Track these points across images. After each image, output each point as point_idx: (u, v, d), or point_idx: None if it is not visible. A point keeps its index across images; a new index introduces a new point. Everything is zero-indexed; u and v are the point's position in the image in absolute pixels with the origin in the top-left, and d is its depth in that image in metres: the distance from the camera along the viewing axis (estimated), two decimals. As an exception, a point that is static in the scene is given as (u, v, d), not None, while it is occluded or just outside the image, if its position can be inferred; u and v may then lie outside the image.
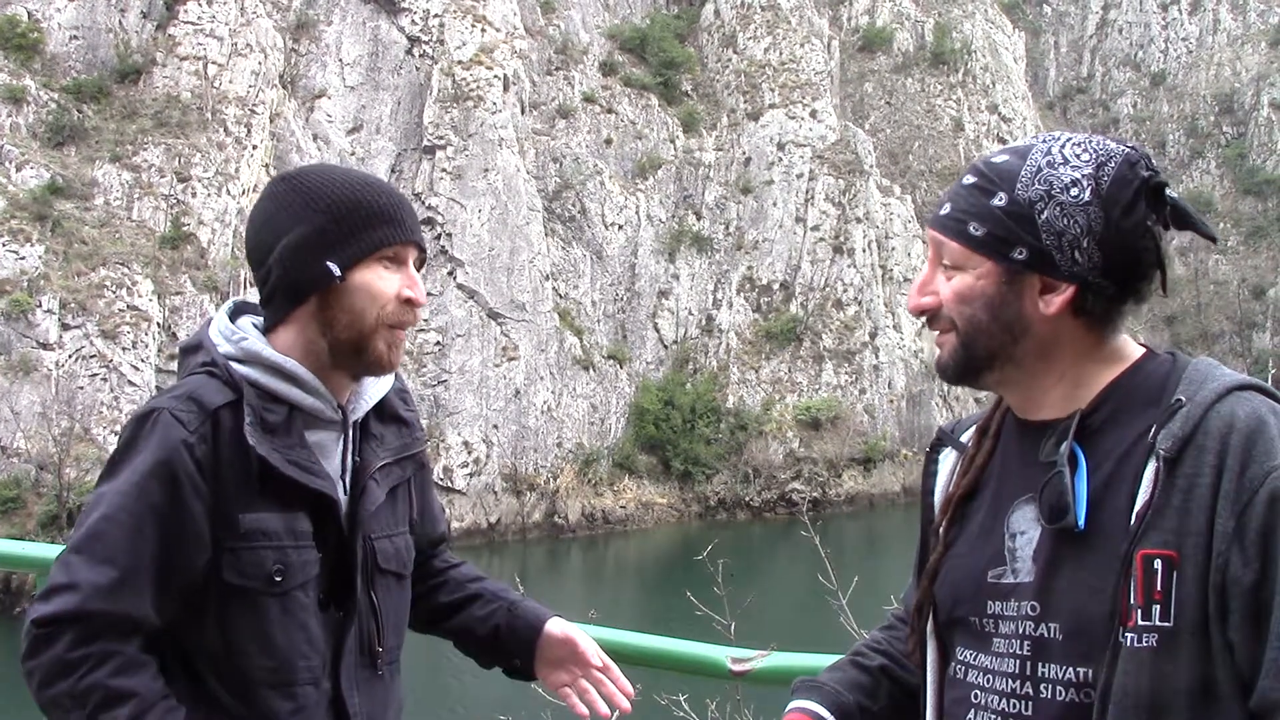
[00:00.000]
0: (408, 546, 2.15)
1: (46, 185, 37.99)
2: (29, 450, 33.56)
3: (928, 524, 1.85)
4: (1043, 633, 1.60)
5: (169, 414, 1.86)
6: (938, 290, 1.70)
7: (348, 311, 1.97)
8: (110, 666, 1.77)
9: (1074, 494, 1.56)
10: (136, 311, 36.73)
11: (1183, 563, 1.47)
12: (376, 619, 2.05)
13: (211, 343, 1.99)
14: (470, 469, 42.26)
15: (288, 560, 1.91)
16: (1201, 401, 1.53)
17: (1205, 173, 78.26)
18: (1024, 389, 1.70)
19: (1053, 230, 1.60)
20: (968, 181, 1.70)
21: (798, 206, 52.94)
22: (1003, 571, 1.66)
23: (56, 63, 41.61)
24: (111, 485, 1.84)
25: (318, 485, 1.94)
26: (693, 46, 58.53)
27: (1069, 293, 1.61)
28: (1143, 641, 1.48)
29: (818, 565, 5.57)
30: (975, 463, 1.78)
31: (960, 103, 64.92)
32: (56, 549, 3.02)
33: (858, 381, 50.86)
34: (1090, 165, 1.61)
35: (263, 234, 2.01)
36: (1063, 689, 1.57)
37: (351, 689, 2.00)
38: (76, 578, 1.79)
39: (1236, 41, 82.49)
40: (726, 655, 2.26)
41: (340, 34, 47.13)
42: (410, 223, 2.04)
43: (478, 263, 44.62)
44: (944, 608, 1.76)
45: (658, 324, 50.57)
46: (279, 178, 2.06)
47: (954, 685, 1.74)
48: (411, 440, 2.16)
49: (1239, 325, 69.60)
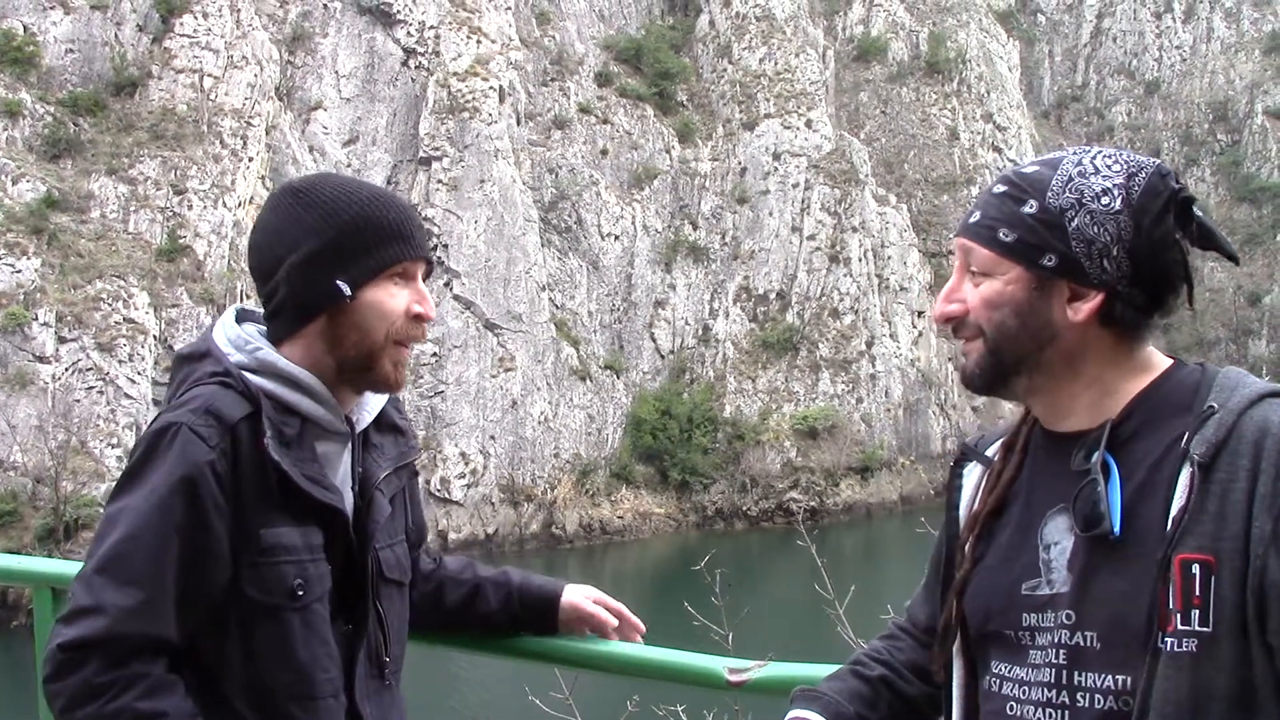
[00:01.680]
0: (405, 554, 2.17)
1: (43, 198, 37.97)
2: (25, 463, 33.49)
3: (952, 539, 1.84)
4: (1079, 641, 1.60)
5: (188, 429, 1.83)
6: (965, 298, 1.71)
7: (357, 329, 1.97)
8: (138, 690, 1.76)
9: (1108, 502, 1.57)
10: (133, 324, 36.68)
11: (1220, 567, 1.47)
12: (383, 629, 2.06)
13: (221, 351, 1.97)
14: (467, 480, 42.21)
15: (307, 574, 1.91)
16: (1234, 408, 1.54)
17: (1200, 180, 78.31)
18: (1051, 397, 1.70)
19: (1083, 238, 1.61)
20: (998, 190, 1.71)
21: (793, 216, 52.97)
22: (1037, 583, 1.66)
23: (52, 76, 41.60)
24: (130, 501, 1.82)
25: (330, 500, 1.95)
26: (688, 57, 58.60)
27: (1097, 300, 1.62)
28: (1182, 646, 1.48)
29: (815, 575, 5.57)
30: (1003, 478, 1.78)
31: (955, 112, 64.98)
32: (53, 563, 3.02)
33: (854, 391, 50.84)
34: (1121, 175, 1.62)
35: (270, 249, 1.99)
36: (1101, 697, 1.57)
37: (364, 700, 2.01)
38: (102, 600, 1.77)
39: (1230, 49, 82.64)
40: (724, 666, 2.25)
41: (336, 46, 47.19)
42: (419, 238, 2.04)
43: (474, 274, 44.62)
44: (975, 622, 1.75)
45: (654, 334, 50.57)
46: (285, 189, 2.04)
47: (988, 699, 1.73)
48: (408, 449, 2.17)
49: (1235, 332, 69.59)
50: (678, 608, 6.50)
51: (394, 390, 2.06)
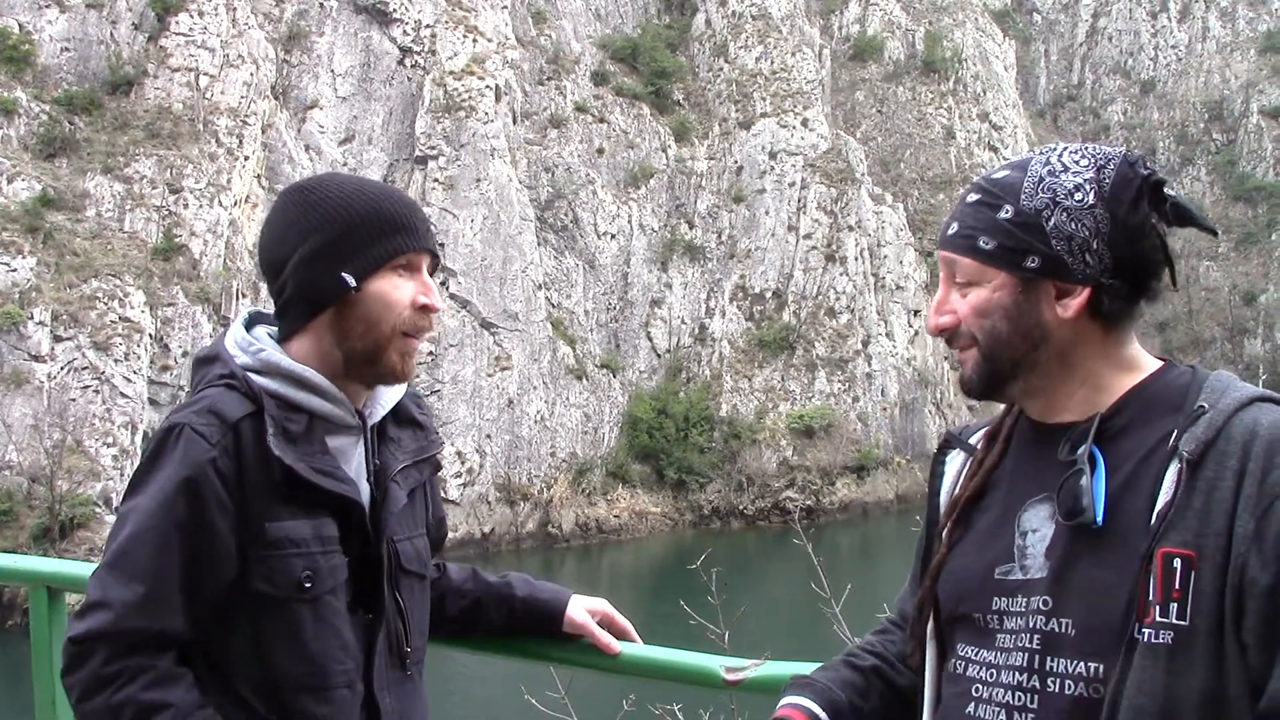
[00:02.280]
0: (426, 547, 2.20)
1: (38, 197, 37.90)
2: (21, 463, 33.43)
3: (932, 525, 1.87)
4: (1054, 627, 1.61)
5: (190, 429, 1.89)
6: (955, 309, 1.72)
7: (363, 321, 2.00)
8: (143, 680, 1.82)
9: (1093, 493, 1.59)
10: (128, 323, 36.62)
11: (1201, 563, 1.49)
12: (403, 620, 2.09)
13: (228, 354, 2.02)
14: (464, 479, 42.21)
15: (316, 566, 1.94)
16: (1224, 409, 1.56)
17: (1195, 180, 78.46)
18: (1046, 398, 1.72)
19: (1062, 235, 1.63)
20: (972, 199, 1.72)
21: (790, 215, 53.00)
22: (1010, 568, 1.68)
23: (48, 74, 41.52)
24: (138, 501, 1.88)
25: (343, 490, 1.98)
26: (684, 56, 58.61)
27: (1084, 295, 1.64)
28: (1159, 638, 1.50)
29: (811, 574, 5.57)
30: (984, 466, 1.81)
31: (951, 111, 65.05)
32: (49, 562, 3.03)
33: (850, 389, 50.88)
34: (1091, 169, 1.64)
35: (277, 247, 2.04)
36: (1071, 683, 1.59)
37: (383, 690, 2.04)
38: (108, 595, 1.84)
39: (1226, 49, 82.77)
40: (721, 665, 2.25)
41: (332, 45, 47.13)
42: (423, 230, 2.07)
43: (470, 273, 44.61)
44: (947, 606, 1.78)
45: (650, 333, 50.57)
46: (292, 189, 2.09)
47: (953, 680, 1.75)
48: (428, 443, 2.21)
49: (1230, 331, 69.72)
50: (674, 607, 6.50)
51: (402, 380, 2.09)
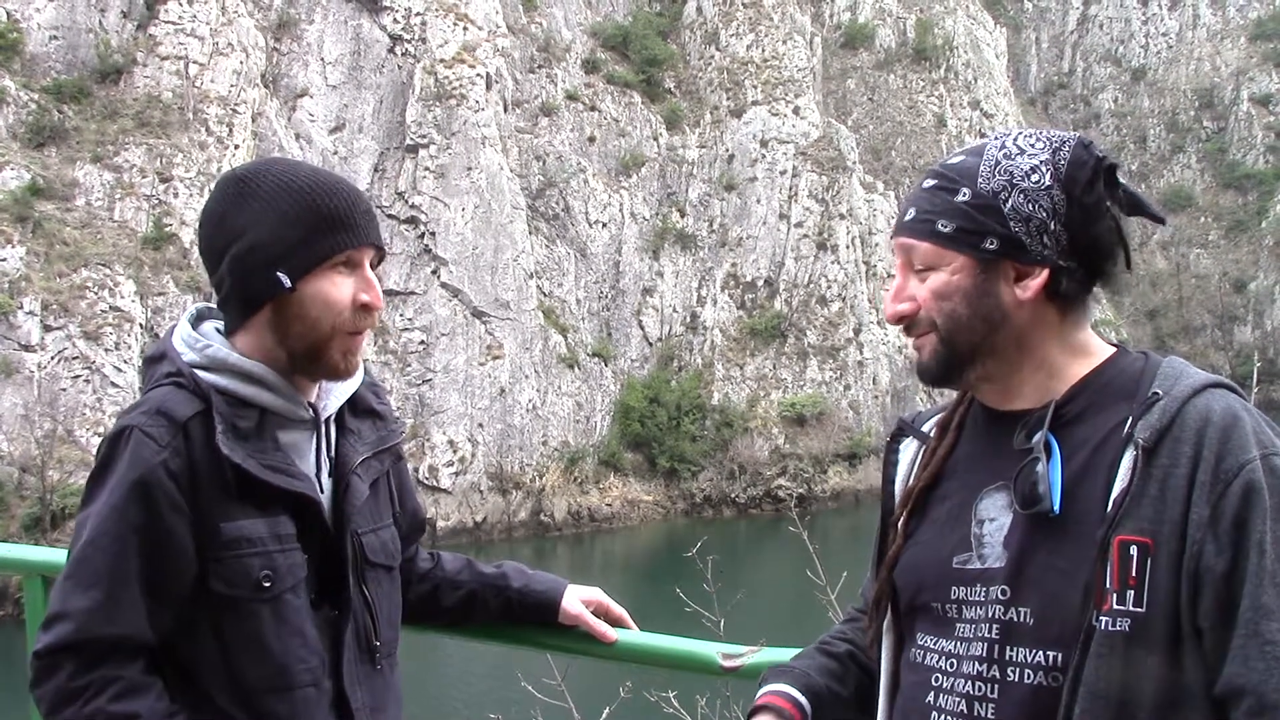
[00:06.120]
0: (393, 538, 2.16)
1: (27, 186, 37.73)
2: (11, 453, 33.36)
3: (887, 515, 1.88)
4: (1012, 616, 1.62)
5: (139, 431, 1.85)
6: (913, 295, 1.72)
7: (301, 320, 1.95)
8: (111, 692, 1.79)
9: (1049, 481, 1.59)
10: (119, 313, 36.52)
11: (1158, 550, 1.50)
12: (371, 613, 2.06)
13: (175, 351, 1.97)
14: (455, 468, 42.17)
15: (274, 565, 1.91)
16: (1179, 395, 1.57)
17: (1186, 167, 78.61)
18: (1002, 383, 1.72)
19: (1019, 216, 1.63)
20: (929, 185, 1.73)
21: (781, 203, 52.96)
22: (968, 557, 1.69)
23: (36, 63, 41.31)
24: (91, 509, 1.85)
25: (297, 487, 1.94)
26: (675, 44, 58.48)
27: (1043, 276, 1.65)
28: (1116, 626, 1.51)
29: (805, 561, 5.58)
30: (937, 454, 1.81)
31: (943, 99, 65.05)
32: (43, 551, 3.02)
33: (842, 377, 50.93)
34: (1046, 151, 1.66)
35: (214, 238, 1.98)
36: (1031, 672, 1.59)
37: (354, 685, 2.01)
38: (68, 606, 1.81)
39: (1216, 36, 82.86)
40: (717, 651, 2.26)
41: (322, 33, 46.93)
42: (364, 225, 1.99)
43: (461, 261, 44.52)
44: (905, 595, 1.78)
45: (642, 321, 50.55)
46: (229, 177, 2.01)
47: (913, 670, 1.75)
48: (388, 433, 2.16)
49: (1220, 319, 69.93)
50: (667, 594, 6.50)
51: (345, 377, 2.04)
